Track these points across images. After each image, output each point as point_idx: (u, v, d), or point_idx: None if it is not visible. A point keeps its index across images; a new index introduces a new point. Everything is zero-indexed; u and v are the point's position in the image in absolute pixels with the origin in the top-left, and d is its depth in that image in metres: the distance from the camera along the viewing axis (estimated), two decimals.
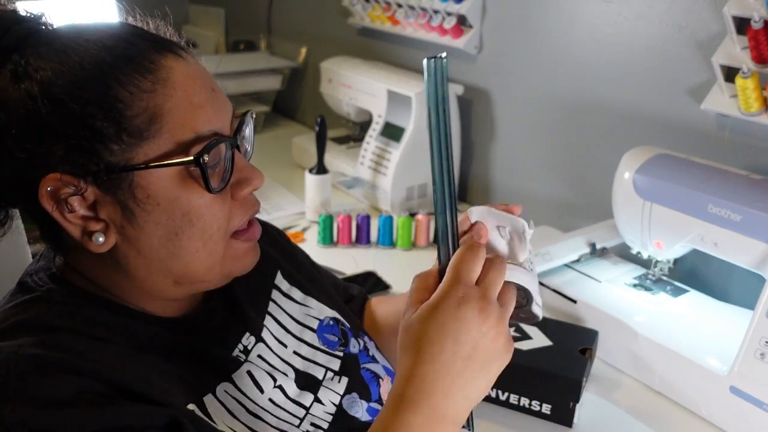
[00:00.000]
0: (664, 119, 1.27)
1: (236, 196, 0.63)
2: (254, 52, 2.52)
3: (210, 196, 0.60)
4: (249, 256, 0.67)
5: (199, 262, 0.62)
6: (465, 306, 0.55)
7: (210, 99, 0.61)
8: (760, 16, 1.02)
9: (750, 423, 0.92)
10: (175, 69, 0.59)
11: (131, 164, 0.57)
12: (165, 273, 0.62)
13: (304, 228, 1.59)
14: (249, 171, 0.64)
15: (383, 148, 1.65)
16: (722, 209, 0.97)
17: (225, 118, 0.63)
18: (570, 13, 1.40)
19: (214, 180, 0.60)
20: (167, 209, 0.59)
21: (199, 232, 0.61)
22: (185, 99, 0.59)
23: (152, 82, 0.58)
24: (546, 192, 1.54)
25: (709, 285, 1.21)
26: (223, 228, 0.62)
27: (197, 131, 0.59)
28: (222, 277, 0.65)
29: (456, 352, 0.55)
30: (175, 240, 0.60)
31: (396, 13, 1.74)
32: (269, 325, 0.75)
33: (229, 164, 0.61)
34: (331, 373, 0.74)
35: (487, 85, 1.64)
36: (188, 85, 0.59)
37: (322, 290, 0.85)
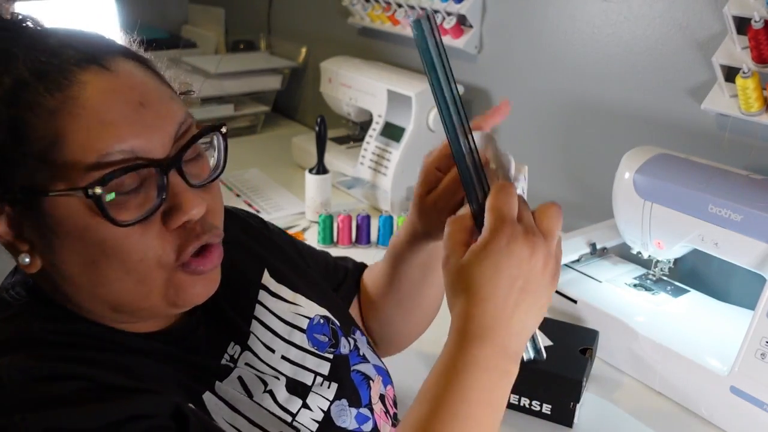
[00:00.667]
0: (664, 119, 1.27)
1: (168, 225, 0.57)
2: (254, 52, 2.51)
3: (125, 227, 0.55)
4: (197, 287, 0.60)
5: (128, 292, 0.58)
6: (514, 243, 0.55)
7: (131, 115, 0.55)
8: (761, 15, 1.02)
9: (750, 423, 0.92)
10: (90, 84, 0.54)
11: (34, 189, 0.54)
12: (97, 300, 0.59)
13: (304, 228, 1.59)
14: (183, 198, 0.56)
15: (383, 148, 1.65)
16: (722, 209, 0.97)
17: (155, 134, 0.56)
18: (570, 13, 1.40)
19: (126, 212, 0.54)
20: (79, 238, 0.55)
21: (118, 263, 0.56)
22: (94, 117, 0.53)
23: (59, 101, 0.53)
24: (546, 192, 1.54)
25: (709, 285, 1.21)
26: (149, 260, 0.57)
27: (101, 152, 0.53)
28: (167, 305, 0.60)
29: (511, 287, 0.55)
30: (95, 269, 0.56)
31: (396, 13, 1.74)
32: (256, 330, 0.72)
33: (159, 192, 0.56)
34: (320, 378, 0.72)
35: (487, 85, 1.64)
36: (101, 102, 0.54)
37: (311, 284, 0.82)
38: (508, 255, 0.55)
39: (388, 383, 0.80)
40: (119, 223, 0.54)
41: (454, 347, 0.56)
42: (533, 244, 0.56)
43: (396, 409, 0.80)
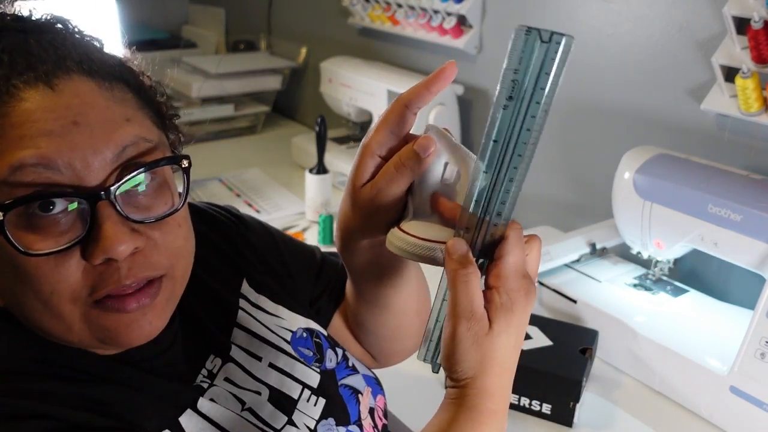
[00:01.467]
0: (664, 119, 1.27)
1: (89, 260, 0.51)
2: (254, 52, 2.51)
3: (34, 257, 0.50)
4: (123, 328, 0.54)
5: (50, 325, 0.54)
6: (529, 298, 0.53)
7: (58, 132, 0.50)
8: (760, 16, 1.02)
9: (750, 423, 0.92)
10: (27, 100, 0.51)
11: None
12: (29, 324, 0.55)
13: (304, 228, 1.59)
14: (104, 234, 0.50)
15: None
16: (722, 209, 0.97)
17: (89, 158, 0.51)
18: (570, 14, 1.40)
19: (42, 238, 0.50)
20: (1, 259, 0.52)
21: (32, 293, 0.52)
22: (17, 131, 0.49)
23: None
24: (546, 192, 1.54)
25: (709, 285, 1.21)
26: (61, 294, 0.52)
27: (11, 164, 0.49)
28: (98, 343, 0.55)
29: (516, 348, 0.53)
30: (14, 293, 0.53)
31: (396, 13, 1.74)
32: (238, 339, 0.69)
33: (85, 223, 0.51)
34: (308, 391, 0.68)
35: (487, 85, 1.64)
36: (31, 119, 0.50)
37: (293, 293, 0.78)
38: (526, 317, 0.53)
39: (379, 393, 0.76)
40: (25, 253, 0.50)
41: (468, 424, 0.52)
42: (534, 294, 0.54)
43: (385, 421, 0.77)
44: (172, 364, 0.63)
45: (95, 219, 0.51)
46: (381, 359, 0.85)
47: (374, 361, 0.85)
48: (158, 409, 0.58)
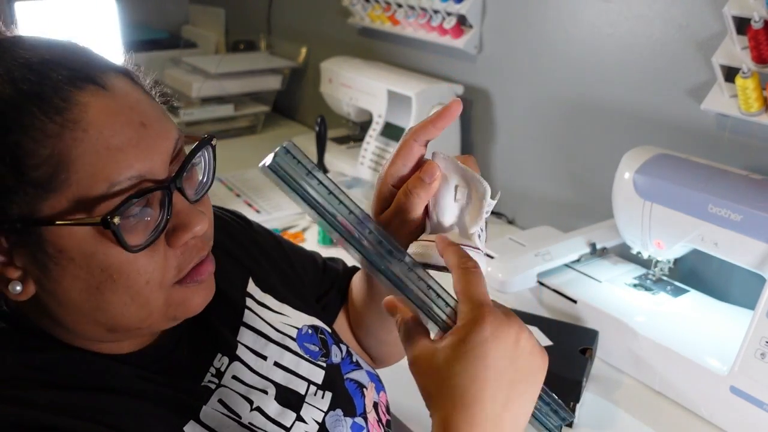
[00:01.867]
0: (664, 119, 1.27)
1: (173, 244, 0.56)
2: (254, 52, 2.51)
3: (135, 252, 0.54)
4: (196, 297, 0.59)
5: (130, 315, 0.56)
6: (499, 330, 0.50)
7: (135, 138, 0.53)
8: (760, 16, 1.02)
9: (750, 423, 0.92)
10: (91, 106, 0.51)
11: (35, 218, 0.51)
12: (94, 323, 0.57)
13: (304, 228, 1.59)
14: (187, 216, 0.56)
15: (383, 148, 1.65)
16: (722, 209, 0.97)
17: (158, 155, 0.54)
18: (570, 13, 1.40)
19: (134, 236, 0.53)
20: (83, 265, 0.53)
21: (124, 288, 0.55)
22: (100, 142, 0.51)
23: (60, 125, 0.50)
24: (546, 192, 1.54)
25: (709, 285, 1.21)
26: (154, 281, 0.56)
27: (112, 181, 0.51)
28: (167, 321, 0.59)
29: (499, 383, 0.50)
30: (98, 294, 0.55)
31: (396, 13, 1.74)
32: (244, 338, 0.70)
33: (164, 212, 0.55)
34: (314, 387, 0.69)
35: (487, 85, 1.64)
36: (106, 125, 0.51)
37: (299, 293, 0.79)
38: (495, 346, 0.50)
39: (381, 389, 0.78)
40: (132, 249, 0.53)
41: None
42: (517, 327, 0.51)
43: (389, 416, 0.78)
44: (178, 365, 0.64)
45: (172, 207, 0.55)
46: (379, 361, 0.88)
47: (372, 363, 0.87)
48: (163, 419, 0.59)
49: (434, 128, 0.60)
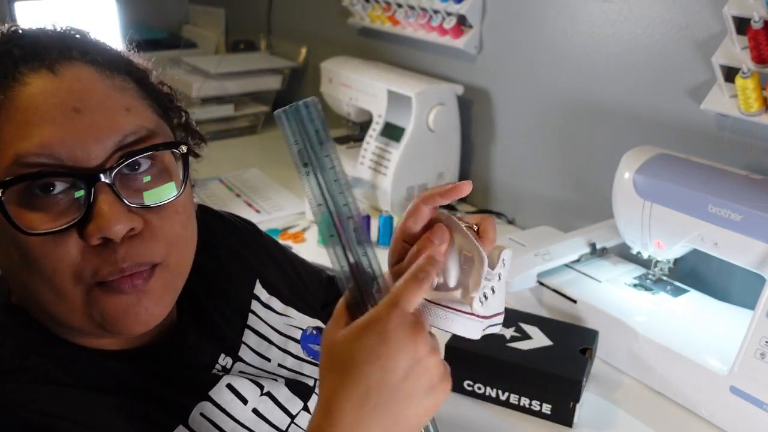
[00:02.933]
0: (664, 119, 1.27)
1: (87, 239, 0.53)
2: (254, 52, 2.51)
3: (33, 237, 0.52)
4: (122, 315, 0.55)
5: (54, 306, 0.55)
6: (400, 329, 0.48)
7: (60, 119, 0.52)
8: (760, 16, 1.02)
9: (750, 423, 0.92)
10: (30, 85, 0.53)
11: None
12: (36, 310, 0.57)
13: (304, 228, 1.59)
14: (107, 214, 0.52)
15: (383, 148, 1.65)
16: (722, 209, 0.97)
17: (89, 144, 0.53)
18: (570, 13, 1.40)
19: (39, 220, 0.52)
20: (4, 237, 0.53)
21: (36, 273, 0.53)
22: (21, 117, 0.52)
23: (1, 101, 0.53)
24: (546, 192, 1.54)
25: (709, 285, 1.21)
26: (63, 272, 0.53)
27: (18, 152, 0.51)
28: (100, 329, 0.56)
29: (383, 379, 0.48)
30: (20, 274, 0.55)
31: (396, 13, 1.74)
32: (248, 340, 0.70)
33: (82, 205, 0.52)
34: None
35: (487, 85, 1.64)
36: (34, 103, 0.53)
37: (304, 298, 0.81)
38: (387, 339, 0.48)
39: None
40: (24, 232, 0.52)
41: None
42: (421, 337, 0.49)
43: None
44: (186, 358, 0.64)
45: (92, 200, 0.52)
46: None
47: None
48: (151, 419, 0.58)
49: (441, 198, 0.60)
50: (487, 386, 1.01)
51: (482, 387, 1.01)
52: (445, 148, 1.67)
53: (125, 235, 0.54)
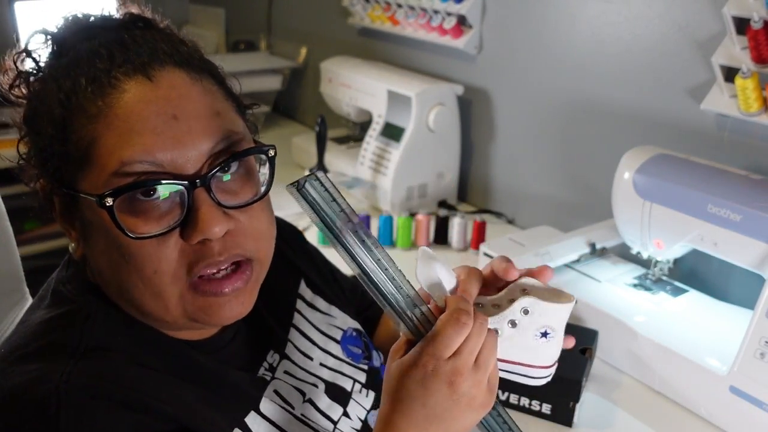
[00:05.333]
0: (664, 119, 1.27)
1: (186, 239, 0.57)
2: (254, 52, 2.51)
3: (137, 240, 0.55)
4: (219, 311, 0.59)
5: (148, 301, 0.58)
6: (432, 380, 0.54)
7: (161, 127, 0.55)
8: (760, 16, 1.02)
9: (750, 423, 0.92)
10: (128, 92, 0.55)
11: (67, 187, 0.57)
12: (125, 302, 0.59)
13: (305, 228, 1.59)
14: (206, 216, 0.56)
15: (383, 148, 1.65)
16: (722, 209, 0.97)
17: (184, 149, 0.56)
18: (570, 13, 1.40)
19: (144, 223, 0.55)
20: (105, 238, 0.56)
21: (135, 272, 0.56)
22: (125, 125, 0.55)
23: (99, 107, 0.55)
24: (546, 192, 1.54)
25: (709, 285, 1.21)
26: (163, 272, 0.56)
27: (123, 160, 0.54)
28: (190, 322, 0.60)
29: (426, 415, 0.55)
30: (118, 273, 0.57)
31: (396, 13, 1.74)
32: (294, 338, 0.73)
33: (184, 208, 0.56)
34: (358, 385, 0.73)
35: (487, 85, 1.64)
36: (134, 111, 0.55)
37: (343, 299, 0.83)
38: (423, 387, 0.54)
39: None
40: (129, 235, 0.55)
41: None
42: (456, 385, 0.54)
43: None
44: (236, 355, 0.67)
45: (192, 204, 0.56)
46: None
47: None
48: (226, 408, 0.61)
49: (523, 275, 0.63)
50: None
51: None
52: (445, 148, 1.67)
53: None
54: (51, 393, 0.51)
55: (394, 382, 0.56)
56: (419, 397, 0.54)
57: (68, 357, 0.55)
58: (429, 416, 0.55)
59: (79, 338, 0.57)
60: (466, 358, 0.55)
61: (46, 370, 0.53)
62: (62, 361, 0.54)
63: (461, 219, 1.49)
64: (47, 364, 0.54)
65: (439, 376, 0.54)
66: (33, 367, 0.54)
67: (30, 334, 0.58)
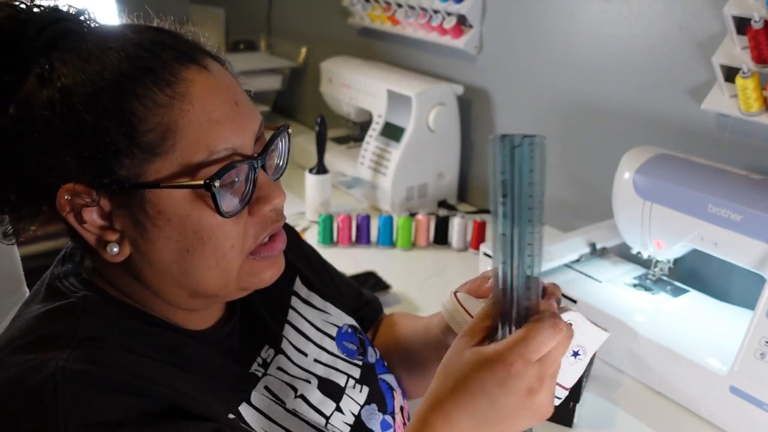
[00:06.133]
0: (664, 119, 1.27)
1: (254, 213, 0.61)
2: (254, 52, 2.52)
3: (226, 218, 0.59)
4: (268, 271, 0.64)
5: (212, 279, 0.61)
6: (514, 382, 0.53)
7: (231, 114, 0.58)
8: (761, 16, 1.02)
9: (750, 423, 0.92)
10: (196, 82, 0.57)
11: (141, 181, 0.56)
12: (178, 286, 0.61)
13: (304, 228, 1.59)
14: (269, 189, 0.62)
15: (383, 148, 1.65)
16: (722, 209, 0.97)
17: (248, 133, 0.60)
18: (570, 13, 1.40)
19: (228, 202, 0.58)
20: (178, 226, 0.58)
21: (211, 251, 0.59)
22: (202, 115, 0.57)
23: (169, 96, 0.56)
24: (546, 192, 1.54)
25: (709, 285, 1.21)
26: (237, 247, 0.60)
27: (212, 149, 0.57)
28: (238, 291, 0.64)
29: (489, 414, 0.54)
30: (187, 257, 0.59)
31: (396, 13, 1.74)
32: (288, 334, 0.74)
33: (250, 185, 0.60)
34: (352, 380, 0.74)
35: (487, 85, 1.64)
36: (207, 100, 0.57)
37: (338, 296, 0.84)
38: (502, 387, 0.54)
39: (405, 398, 0.82)
40: (225, 215, 0.58)
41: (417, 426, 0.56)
42: (536, 392, 0.54)
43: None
44: (232, 348, 0.69)
45: (257, 181, 0.60)
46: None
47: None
48: (221, 397, 0.62)
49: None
50: None
51: None
52: (445, 148, 1.68)
53: None
54: (47, 380, 0.51)
55: (468, 369, 0.55)
56: (491, 395, 0.54)
57: (63, 346, 0.55)
58: (491, 416, 0.54)
59: (74, 329, 0.57)
60: (550, 365, 0.54)
61: (42, 359, 0.53)
62: (57, 351, 0.54)
63: (461, 219, 1.49)
64: (42, 354, 0.54)
65: (522, 379, 0.53)
66: (28, 357, 0.54)
67: (24, 327, 0.58)
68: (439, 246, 1.51)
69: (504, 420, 0.55)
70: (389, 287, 1.32)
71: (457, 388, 0.55)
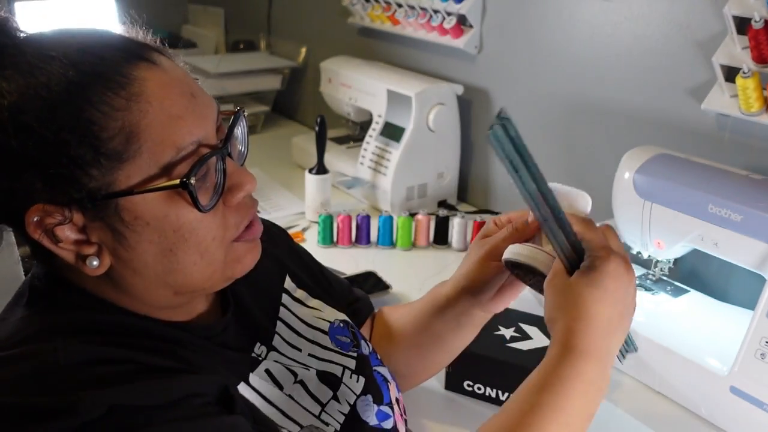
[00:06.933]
0: (664, 119, 1.27)
1: (229, 202, 0.61)
2: (254, 52, 2.52)
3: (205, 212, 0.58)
4: (249, 255, 0.64)
5: (198, 274, 0.60)
6: (620, 269, 0.61)
7: (190, 107, 0.57)
8: (761, 15, 1.02)
9: (750, 423, 0.92)
10: (149, 80, 0.55)
11: (113, 190, 0.54)
12: (164, 286, 0.61)
13: (304, 228, 1.59)
14: (239, 176, 0.61)
15: (383, 148, 1.65)
16: (722, 209, 0.97)
17: (208, 123, 0.59)
18: (570, 13, 1.40)
19: (203, 196, 0.57)
20: (158, 227, 0.57)
21: (195, 246, 0.59)
22: (162, 112, 0.55)
23: (125, 99, 0.53)
24: None
25: (709, 285, 1.21)
26: (219, 238, 0.60)
27: (178, 146, 0.55)
28: (223, 281, 0.64)
29: (614, 310, 0.61)
30: (171, 256, 0.58)
31: (396, 13, 1.74)
32: (281, 331, 0.74)
33: (220, 175, 0.59)
34: (348, 371, 0.74)
35: (487, 85, 1.64)
36: (164, 96, 0.55)
37: (329, 293, 0.85)
38: (616, 279, 0.61)
39: (399, 391, 0.82)
40: (203, 209, 0.57)
41: (558, 359, 0.60)
42: (632, 274, 0.63)
43: (406, 416, 0.82)
44: (225, 345, 0.68)
45: (225, 169, 0.59)
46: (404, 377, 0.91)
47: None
48: (221, 374, 0.62)
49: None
50: (487, 386, 1.01)
51: (482, 387, 1.01)
52: (445, 148, 1.67)
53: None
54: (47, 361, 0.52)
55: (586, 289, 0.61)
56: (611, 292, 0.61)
57: (57, 337, 0.55)
58: (616, 312, 0.61)
59: (67, 322, 0.57)
60: (622, 249, 0.64)
61: (37, 349, 0.54)
62: (51, 341, 0.54)
63: (461, 219, 1.49)
64: (35, 345, 0.54)
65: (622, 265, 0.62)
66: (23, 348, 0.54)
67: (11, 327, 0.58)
68: (439, 246, 1.51)
69: (625, 313, 0.63)
70: (389, 287, 1.32)
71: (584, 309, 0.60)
